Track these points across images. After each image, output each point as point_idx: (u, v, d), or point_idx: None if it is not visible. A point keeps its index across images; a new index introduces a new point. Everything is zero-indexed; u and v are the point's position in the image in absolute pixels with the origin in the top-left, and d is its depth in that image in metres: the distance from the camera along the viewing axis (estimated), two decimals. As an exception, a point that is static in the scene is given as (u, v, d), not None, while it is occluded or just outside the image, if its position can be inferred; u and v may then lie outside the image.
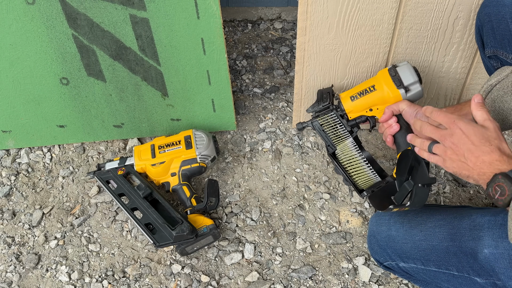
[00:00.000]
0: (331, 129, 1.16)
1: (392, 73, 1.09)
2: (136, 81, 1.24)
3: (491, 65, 1.04)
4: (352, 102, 1.12)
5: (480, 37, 1.04)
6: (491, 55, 1.01)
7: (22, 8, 1.06)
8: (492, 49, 1.00)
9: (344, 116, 1.14)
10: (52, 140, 1.38)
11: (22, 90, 1.23)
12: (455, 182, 1.31)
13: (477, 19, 1.04)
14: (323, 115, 1.16)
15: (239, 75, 1.62)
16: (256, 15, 1.80)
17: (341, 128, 1.15)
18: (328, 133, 1.16)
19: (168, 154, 1.25)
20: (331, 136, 1.16)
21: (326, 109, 1.16)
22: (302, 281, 1.14)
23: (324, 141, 1.17)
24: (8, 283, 1.15)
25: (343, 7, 1.08)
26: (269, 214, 1.26)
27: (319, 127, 1.16)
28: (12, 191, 1.32)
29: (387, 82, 1.09)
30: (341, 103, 1.14)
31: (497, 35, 0.96)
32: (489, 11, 0.98)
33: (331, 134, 1.16)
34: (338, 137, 1.15)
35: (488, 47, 1.01)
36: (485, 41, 1.02)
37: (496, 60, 1.01)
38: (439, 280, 0.95)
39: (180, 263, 1.17)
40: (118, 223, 1.25)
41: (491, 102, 0.86)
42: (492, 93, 0.86)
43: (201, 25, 1.12)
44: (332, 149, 1.16)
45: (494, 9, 0.96)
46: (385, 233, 1.01)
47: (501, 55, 0.98)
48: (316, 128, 1.17)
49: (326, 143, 1.16)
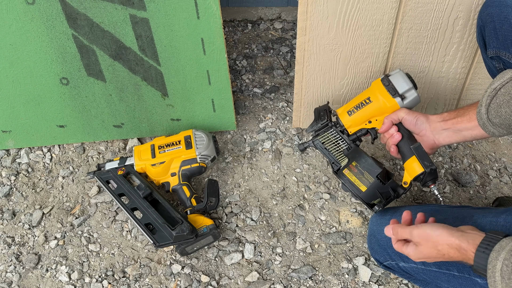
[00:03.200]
0: (333, 146, 1.14)
1: (385, 83, 1.07)
2: (136, 81, 1.24)
3: (493, 66, 1.03)
4: (350, 117, 1.11)
5: (482, 37, 1.03)
6: (493, 56, 1.00)
7: (22, 8, 1.06)
8: (495, 50, 0.99)
9: (344, 131, 1.13)
10: (52, 140, 1.38)
11: (22, 90, 1.23)
12: (455, 182, 1.31)
13: (478, 19, 1.03)
14: (323, 133, 1.14)
15: (239, 75, 1.62)
16: (256, 15, 1.80)
17: (343, 143, 1.13)
18: (330, 150, 1.14)
19: (168, 154, 1.25)
20: (334, 153, 1.14)
21: (325, 126, 1.15)
22: (302, 281, 1.14)
23: (328, 159, 1.15)
24: (8, 283, 1.15)
25: (343, 7, 1.08)
26: (269, 214, 1.26)
27: (321, 146, 1.15)
28: (12, 191, 1.32)
29: (382, 92, 1.07)
30: (339, 119, 1.13)
31: (500, 36, 0.96)
32: (491, 11, 0.97)
33: (333, 151, 1.14)
34: (341, 153, 1.13)
35: (491, 48, 1.00)
36: (487, 42, 1.01)
37: (498, 61, 1.00)
38: (439, 280, 0.94)
39: (180, 263, 1.17)
40: (118, 223, 1.25)
41: (497, 107, 0.84)
42: (497, 97, 0.84)
43: (201, 25, 1.12)
44: (336, 166, 1.14)
45: (496, 9, 0.96)
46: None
47: (503, 56, 0.97)
48: (318, 146, 1.15)
49: (330, 160, 1.14)
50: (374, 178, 1.07)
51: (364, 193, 1.07)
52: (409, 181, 1.04)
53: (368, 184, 1.07)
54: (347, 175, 1.10)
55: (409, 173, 1.03)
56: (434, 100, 1.33)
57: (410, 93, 1.06)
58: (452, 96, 1.31)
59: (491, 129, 0.88)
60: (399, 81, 1.07)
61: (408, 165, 1.03)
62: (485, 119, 0.87)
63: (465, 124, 0.94)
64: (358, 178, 1.08)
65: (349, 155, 1.12)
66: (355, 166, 1.09)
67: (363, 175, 1.08)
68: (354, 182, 1.09)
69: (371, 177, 1.07)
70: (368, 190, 1.07)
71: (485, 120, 0.87)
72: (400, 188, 1.07)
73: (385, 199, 1.06)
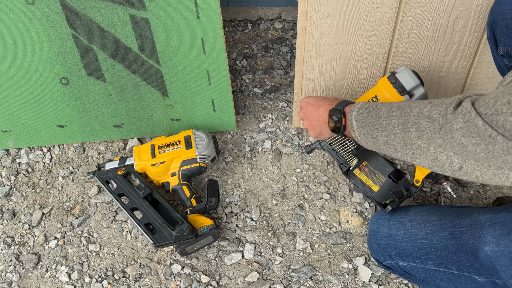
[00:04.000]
0: (340, 147, 1.12)
1: (392, 81, 1.06)
2: (136, 81, 1.24)
3: (504, 64, 1.02)
4: None
5: (493, 34, 1.02)
6: (504, 54, 0.99)
7: (22, 8, 1.06)
8: (506, 47, 0.98)
9: None
10: (52, 140, 1.38)
11: (22, 90, 1.23)
12: (455, 182, 1.31)
13: (489, 16, 1.02)
14: None
15: (239, 75, 1.62)
16: (256, 15, 1.80)
17: (351, 143, 1.12)
18: (338, 151, 1.12)
19: (168, 154, 1.25)
20: (342, 154, 1.12)
21: None
22: (302, 281, 1.14)
23: (336, 160, 1.13)
24: (8, 283, 1.15)
25: (343, 7, 1.08)
26: (269, 214, 1.26)
27: (328, 147, 1.13)
28: (12, 191, 1.32)
29: (390, 90, 1.06)
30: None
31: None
32: (503, 9, 0.96)
33: (341, 151, 1.12)
34: (350, 154, 1.12)
35: (502, 45, 0.99)
36: (498, 39, 1.00)
37: (509, 59, 0.99)
38: (439, 279, 0.94)
39: (180, 263, 1.17)
40: (118, 223, 1.25)
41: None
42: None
43: (201, 25, 1.12)
44: (345, 167, 1.12)
45: (509, 7, 0.94)
46: (385, 232, 1.01)
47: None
48: (325, 148, 1.14)
49: (338, 161, 1.13)
50: (386, 177, 1.06)
51: (377, 193, 1.06)
52: (421, 179, 1.03)
53: (381, 184, 1.06)
54: (358, 176, 1.09)
55: (421, 171, 1.02)
56: (434, 100, 1.33)
57: (418, 90, 1.06)
58: (452, 96, 1.31)
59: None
60: (406, 78, 1.06)
61: None
62: None
63: None
64: (370, 178, 1.08)
65: (358, 155, 1.11)
66: (366, 166, 1.08)
67: (374, 175, 1.07)
68: (366, 182, 1.08)
69: (383, 177, 1.06)
70: (381, 190, 1.06)
71: None
72: (412, 187, 1.06)
73: (398, 198, 1.05)
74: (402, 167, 1.34)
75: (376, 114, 0.81)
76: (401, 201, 1.05)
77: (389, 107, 0.79)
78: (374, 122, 0.80)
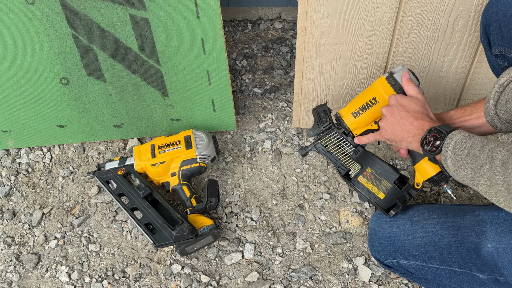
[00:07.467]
0: (336, 149, 1.10)
1: (391, 81, 1.03)
2: (136, 81, 1.24)
3: (498, 64, 1.02)
4: (356, 119, 1.06)
5: (486, 35, 1.02)
6: (498, 54, 1.00)
7: (22, 8, 1.06)
8: (500, 48, 0.98)
9: (349, 133, 1.09)
10: (52, 140, 1.38)
11: (22, 90, 1.23)
12: (455, 182, 1.31)
13: (482, 18, 1.02)
14: (325, 135, 1.10)
15: (239, 75, 1.62)
16: (256, 15, 1.80)
17: (347, 145, 1.09)
18: (334, 153, 1.10)
19: (168, 154, 1.25)
20: (339, 157, 1.10)
21: (328, 129, 1.10)
22: (302, 281, 1.14)
23: (333, 163, 1.11)
24: (8, 283, 1.15)
25: (343, 7, 1.08)
26: (269, 214, 1.26)
27: (324, 149, 1.10)
28: (12, 191, 1.32)
29: (388, 91, 1.03)
30: (343, 121, 1.08)
31: (505, 34, 0.95)
32: (496, 10, 0.97)
33: (338, 154, 1.10)
34: (346, 156, 1.10)
35: (495, 46, 0.99)
36: (491, 40, 1.00)
37: (503, 59, 1.00)
38: (441, 277, 0.94)
39: (180, 263, 1.17)
40: (118, 223, 1.25)
41: (506, 103, 0.84)
42: (505, 93, 0.84)
43: (201, 25, 1.12)
44: (343, 170, 1.09)
45: (501, 8, 0.95)
46: (386, 231, 1.00)
47: (509, 54, 0.96)
48: (321, 151, 1.11)
49: (335, 165, 1.10)
50: (392, 184, 1.04)
51: (383, 201, 1.04)
52: (422, 182, 1.01)
53: (386, 191, 1.03)
54: (363, 183, 1.06)
55: (422, 175, 1.01)
56: (434, 100, 1.33)
57: None
58: (452, 96, 1.31)
59: (498, 125, 0.88)
60: None
61: (420, 166, 1.00)
62: (493, 115, 0.87)
63: (473, 122, 0.95)
64: (376, 185, 1.04)
65: (359, 159, 1.08)
66: (371, 173, 1.05)
67: (380, 182, 1.04)
68: (371, 190, 1.05)
69: (389, 184, 1.04)
70: (386, 197, 1.03)
71: (493, 116, 0.88)
72: (413, 190, 1.04)
73: (401, 203, 1.03)
74: (402, 166, 1.34)
75: (475, 160, 0.75)
76: (404, 205, 1.04)
77: (490, 157, 0.73)
78: (475, 170, 0.75)
